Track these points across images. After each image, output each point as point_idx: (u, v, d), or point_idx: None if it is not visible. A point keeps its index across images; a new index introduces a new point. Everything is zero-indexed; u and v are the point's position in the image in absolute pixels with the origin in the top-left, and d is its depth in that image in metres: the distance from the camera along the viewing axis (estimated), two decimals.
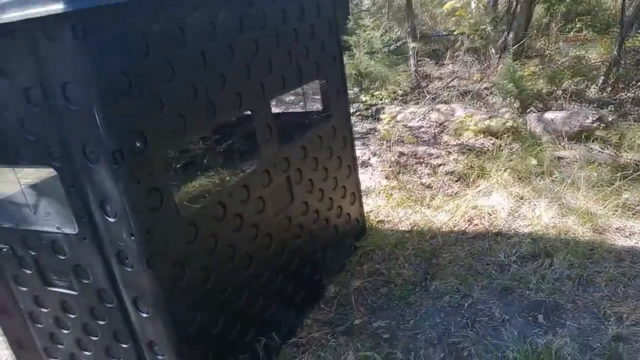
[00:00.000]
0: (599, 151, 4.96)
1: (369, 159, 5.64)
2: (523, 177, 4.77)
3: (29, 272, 2.71)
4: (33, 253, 2.63)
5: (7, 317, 3.06)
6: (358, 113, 6.69)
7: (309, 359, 3.03)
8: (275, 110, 3.73)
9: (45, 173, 2.71)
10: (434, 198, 4.81)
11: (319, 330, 3.33)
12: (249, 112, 2.85)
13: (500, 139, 5.55)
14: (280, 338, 3.13)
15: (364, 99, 6.80)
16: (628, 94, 6.28)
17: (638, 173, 4.39)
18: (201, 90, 2.44)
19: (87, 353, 2.82)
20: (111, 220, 2.22)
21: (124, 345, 2.61)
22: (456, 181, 5.05)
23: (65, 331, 2.82)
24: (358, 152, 5.75)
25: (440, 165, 5.32)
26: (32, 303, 2.84)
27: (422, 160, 5.43)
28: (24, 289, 2.82)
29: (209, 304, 2.60)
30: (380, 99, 6.99)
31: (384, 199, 4.92)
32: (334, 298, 3.65)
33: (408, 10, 7.10)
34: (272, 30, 2.98)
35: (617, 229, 3.96)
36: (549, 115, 5.53)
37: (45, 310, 2.82)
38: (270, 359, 3.00)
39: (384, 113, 5.88)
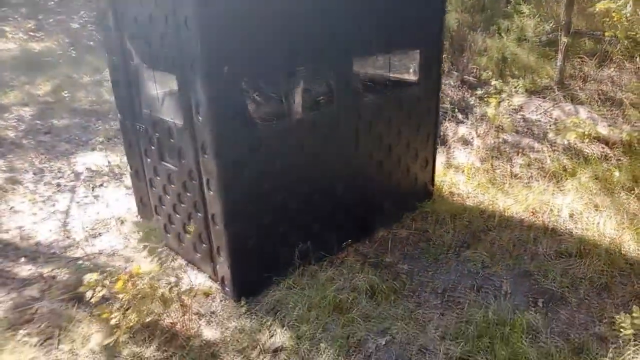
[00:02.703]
0: None
1: (473, 139, 5.93)
2: (609, 189, 4.75)
3: (153, 148, 3.79)
4: (157, 134, 3.70)
5: (138, 179, 4.26)
6: (486, 96, 6.85)
7: (331, 271, 3.74)
8: (369, 69, 4.35)
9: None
10: (513, 186, 5.03)
11: (354, 257, 4.01)
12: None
13: (612, 149, 5.43)
14: (317, 251, 3.85)
15: (495, 83, 6.91)
16: None
17: None
18: (284, 40, 3.19)
19: (178, 216, 3.86)
20: (201, 119, 3.12)
21: (199, 214, 3.57)
22: (544, 177, 5.17)
23: (168, 197, 3.88)
24: (465, 131, 6.10)
25: (536, 159, 5.44)
26: (152, 172, 3.96)
27: (521, 151, 5.58)
28: (149, 160, 3.93)
29: (261, 201, 3.41)
30: (515, 87, 7.03)
31: (466, 176, 5.26)
32: (379, 239, 4.27)
33: (567, 2, 6.88)
34: (368, 3, 3.59)
35: None
36: None
37: (159, 178, 3.90)
38: (302, 261, 3.75)
39: (494, 98, 6.02)
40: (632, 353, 2.90)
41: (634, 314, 2.63)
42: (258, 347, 3.13)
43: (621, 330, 2.76)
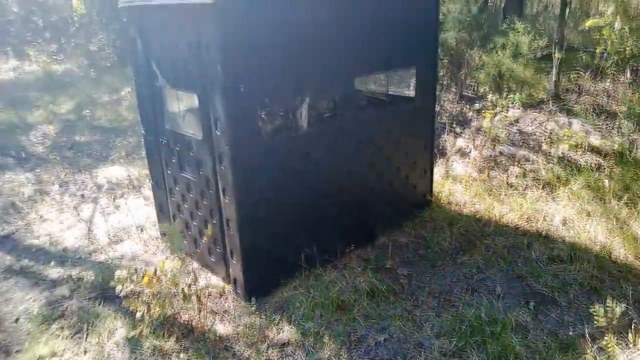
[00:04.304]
0: None
1: (470, 151, 6.23)
2: (601, 197, 5.02)
3: (174, 160, 4.14)
4: (178, 147, 4.05)
5: (158, 189, 4.61)
6: (483, 110, 7.17)
7: (335, 274, 4.05)
8: (370, 87, 4.70)
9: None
10: (509, 195, 5.32)
11: (356, 262, 4.30)
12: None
13: (605, 159, 5.71)
14: (322, 255, 4.15)
15: (491, 97, 7.23)
16: None
17: None
18: (294, 65, 3.55)
19: (195, 223, 4.19)
20: (218, 133, 3.47)
21: (214, 220, 3.90)
22: (540, 187, 5.45)
23: (186, 205, 4.22)
24: (462, 144, 6.41)
25: (532, 170, 5.73)
26: (172, 181, 4.30)
27: (517, 162, 5.88)
28: (169, 171, 4.28)
29: (272, 208, 3.73)
30: (512, 102, 7.33)
31: (463, 186, 5.56)
32: (380, 245, 4.56)
33: (560, 20, 7.20)
34: (368, 27, 3.95)
35: None
36: None
37: (178, 188, 4.25)
38: (308, 265, 4.06)
39: (489, 112, 6.33)
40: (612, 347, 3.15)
41: (607, 307, 2.88)
42: (267, 341, 3.44)
43: (596, 321, 3.00)
